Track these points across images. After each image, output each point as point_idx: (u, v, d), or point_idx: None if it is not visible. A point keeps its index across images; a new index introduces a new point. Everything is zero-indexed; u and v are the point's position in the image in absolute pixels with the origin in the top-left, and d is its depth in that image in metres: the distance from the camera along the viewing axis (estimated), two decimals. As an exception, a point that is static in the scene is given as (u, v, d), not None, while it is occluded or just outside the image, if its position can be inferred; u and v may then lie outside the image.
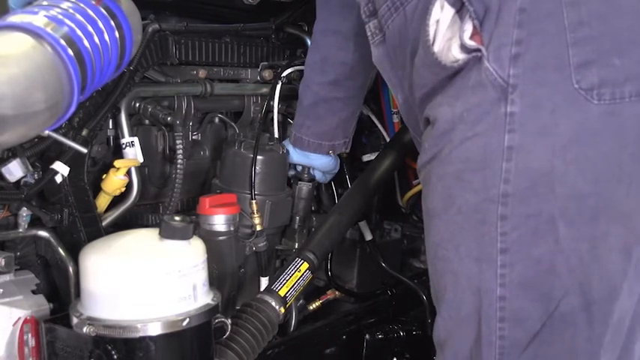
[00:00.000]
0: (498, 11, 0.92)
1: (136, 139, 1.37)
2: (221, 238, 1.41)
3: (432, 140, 1.01)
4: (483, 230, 0.96)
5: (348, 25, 1.42)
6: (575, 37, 0.90)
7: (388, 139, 1.84)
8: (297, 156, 1.63)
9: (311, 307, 1.73)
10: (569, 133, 0.91)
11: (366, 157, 1.89)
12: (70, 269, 1.24)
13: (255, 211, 1.47)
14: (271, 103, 1.62)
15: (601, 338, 0.97)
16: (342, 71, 1.51)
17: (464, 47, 0.94)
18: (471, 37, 0.93)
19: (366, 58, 1.21)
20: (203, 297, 1.11)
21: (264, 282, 1.51)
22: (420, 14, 1.00)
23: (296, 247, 1.62)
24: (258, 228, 1.48)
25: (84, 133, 1.27)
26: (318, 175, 1.69)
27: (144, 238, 1.12)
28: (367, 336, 1.67)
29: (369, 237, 1.78)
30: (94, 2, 1.08)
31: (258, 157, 1.49)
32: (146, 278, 1.05)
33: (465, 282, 1.00)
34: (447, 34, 0.96)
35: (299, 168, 1.67)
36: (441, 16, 0.96)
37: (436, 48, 0.96)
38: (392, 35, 1.09)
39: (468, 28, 0.94)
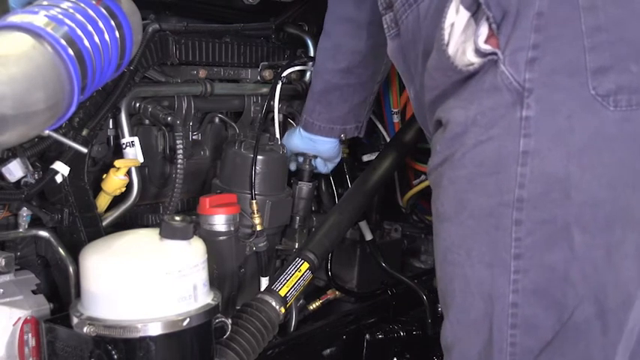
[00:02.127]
0: (516, 15, 0.91)
1: (136, 139, 1.37)
2: (221, 238, 1.41)
3: (444, 143, 1.00)
4: (497, 235, 0.95)
5: (361, 14, 1.41)
6: (592, 43, 0.90)
7: (388, 139, 1.84)
8: (302, 141, 1.61)
9: (311, 307, 1.73)
10: (584, 138, 0.91)
11: (366, 157, 1.89)
12: (70, 269, 1.24)
13: (255, 211, 1.47)
14: (271, 103, 1.61)
15: (616, 346, 0.96)
16: (354, 59, 1.50)
17: (478, 51, 0.93)
18: (487, 41, 0.93)
19: (378, 46, 1.20)
20: (203, 297, 1.11)
21: (264, 282, 1.51)
22: (434, 14, 1.00)
23: (296, 247, 1.62)
24: (259, 228, 1.48)
25: (84, 133, 1.27)
26: (320, 165, 1.68)
27: (144, 238, 1.12)
28: (367, 336, 1.67)
29: (369, 237, 1.78)
30: (94, 2, 1.08)
31: (258, 157, 1.49)
32: (146, 278, 1.05)
33: (476, 287, 0.99)
34: (461, 38, 0.95)
35: (300, 159, 1.66)
36: (456, 19, 0.95)
37: (450, 51, 0.96)
38: (406, 31, 1.08)
39: (483, 32, 0.93)
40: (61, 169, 1.22)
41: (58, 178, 1.23)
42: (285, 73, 1.63)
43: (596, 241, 0.93)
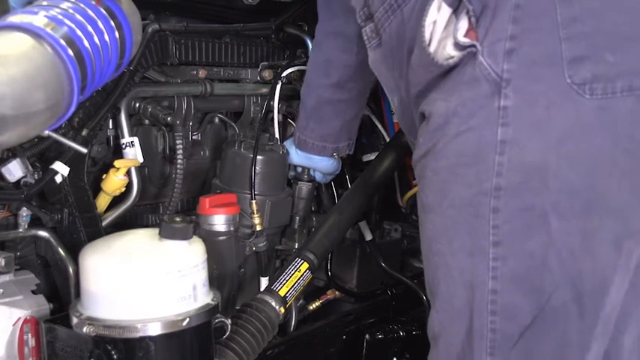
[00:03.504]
0: (495, 7, 0.93)
1: (136, 139, 1.37)
2: (221, 238, 1.41)
3: (427, 135, 1.01)
4: (476, 223, 0.97)
5: (351, 28, 1.42)
6: (568, 33, 0.91)
7: (388, 139, 1.84)
8: (299, 158, 1.63)
9: (311, 307, 1.73)
10: (562, 127, 0.92)
11: (366, 157, 1.89)
12: (70, 269, 1.24)
13: (255, 211, 1.47)
14: (271, 103, 1.61)
15: (592, 329, 0.97)
16: (345, 73, 1.51)
17: (457, 45, 0.95)
18: (466, 34, 0.95)
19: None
20: (203, 297, 1.11)
21: (264, 282, 1.51)
22: (417, 14, 1.01)
23: (296, 247, 1.62)
24: (258, 228, 1.48)
25: (84, 133, 1.27)
26: (319, 177, 1.69)
27: (144, 238, 1.12)
28: (367, 336, 1.67)
29: (369, 237, 1.78)
30: (93, 2, 1.09)
31: (258, 157, 1.49)
32: (146, 278, 1.05)
33: (458, 276, 1.01)
34: (442, 34, 0.97)
35: (299, 169, 1.67)
36: (438, 16, 0.96)
37: (432, 48, 0.97)
38: (389, 38, 1.09)
39: (463, 25, 0.94)
40: (61, 169, 1.22)
41: (58, 178, 1.23)
42: (285, 73, 1.63)
43: (573, 227, 0.94)
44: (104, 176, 1.34)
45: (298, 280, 1.38)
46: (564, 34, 0.91)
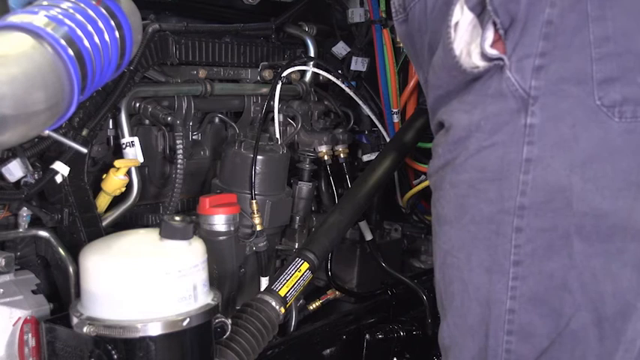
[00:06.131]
0: (525, 22, 0.90)
1: (136, 139, 1.37)
2: (221, 238, 1.41)
3: (447, 146, 1.00)
4: (497, 241, 0.95)
5: None
6: (600, 53, 0.89)
7: (388, 139, 1.84)
8: None
9: (311, 307, 1.73)
10: (588, 149, 0.90)
11: (366, 157, 1.89)
12: (70, 269, 1.24)
13: (255, 211, 1.47)
14: (271, 103, 1.61)
15: (612, 355, 0.95)
16: None
17: (484, 55, 0.92)
18: (493, 45, 0.92)
19: None
20: (203, 297, 1.11)
21: (264, 282, 1.51)
22: (440, 9, 0.99)
23: (296, 247, 1.62)
24: (258, 228, 1.48)
25: (84, 133, 1.27)
26: None
27: (144, 238, 1.12)
28: (367, 336, 1.67)
29: (369, 237, 1.78)
30: (94, 2, 1.08)
31: (258, 157, 1.49)
32: (146, 278, 1.05)
33: (474, 292, 0.99)
34: (464, 37, 0.94)
35: None
36: (461, 18, 0.94)
37: (457, 51, 0.95)
38: (413, 19, 1.07)
39: (490, 35, 0.92)
40: (61, 169, 1.22)
41: (58, 178, 1.23)
42: (285, 73, 1.63)
43: (596, 250, 0.92)
44: (104, 176, 1.34)
45: (298, 280, 1.38)
46: (596, 53, 0.89)
